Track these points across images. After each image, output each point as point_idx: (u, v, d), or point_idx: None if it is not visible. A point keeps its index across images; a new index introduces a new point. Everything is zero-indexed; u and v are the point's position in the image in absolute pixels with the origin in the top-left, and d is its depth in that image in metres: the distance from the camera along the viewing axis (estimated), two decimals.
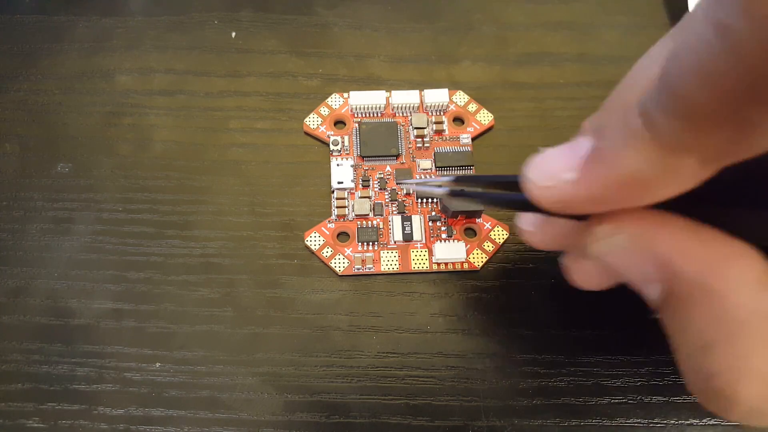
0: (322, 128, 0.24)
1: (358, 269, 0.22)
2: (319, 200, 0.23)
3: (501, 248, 0.23)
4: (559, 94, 0.25)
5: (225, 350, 0.21)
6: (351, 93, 0.25)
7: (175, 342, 0.21)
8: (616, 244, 0.14)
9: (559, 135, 0.25)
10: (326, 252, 0.22)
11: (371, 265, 0.22)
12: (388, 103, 0.25)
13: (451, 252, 0.22)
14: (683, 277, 0.13)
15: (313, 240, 0.23)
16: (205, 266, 0.22)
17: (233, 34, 0.26)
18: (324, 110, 0.25)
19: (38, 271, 0.22)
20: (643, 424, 0.20)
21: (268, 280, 0.22)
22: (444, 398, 0.21)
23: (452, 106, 0.25)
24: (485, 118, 0.25)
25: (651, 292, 0.14)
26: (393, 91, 0.25)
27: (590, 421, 0.21)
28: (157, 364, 0.21)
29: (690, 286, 0.13)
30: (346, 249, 0.22)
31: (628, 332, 0.21)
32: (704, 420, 0.21)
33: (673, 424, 0.21)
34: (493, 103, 0.25)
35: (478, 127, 0.25)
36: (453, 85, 0.25)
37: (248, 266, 0.22)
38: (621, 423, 0.20)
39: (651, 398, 0.21)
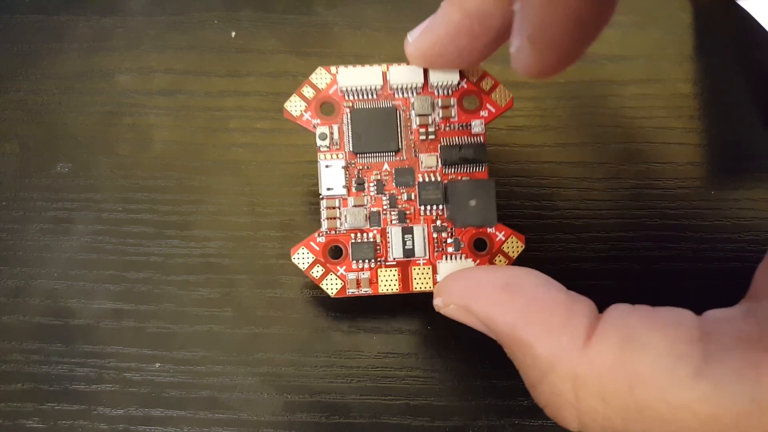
0: (307, 115, 0.20)
1: (353, 293, 0.20)
2: (319, 200, 0.23)
3: (513, 262, 0.20)
4: (559, 94, 0.25)
5: (225, 350, 0.21)
6: (339, 69, 0.20)
7: (175, 342, 0.21)
8: (450, 313, 0.17)
9: (559, 135, 0.25)
10: (316, 272, 0.20)
11: (368, 288, 0.19)
12: (385, 82, 0.20)
13: None
14: (500, 330, 0.15)
15: (301, 257, 0.20)
16: (205, 266, 0.22)
17: (233, 34, 0.26)
18: (308, 91, 0.20)
19: (38, 271, 0.22)
20: None
21: (268, 280, 0.22)
22: (444, 398, 0.21)
23: (463, 83, 0.20)
24: (502, 98, 0.20)
25: (497, 339, 0.16)
26: (391, 67, 0.20)
27: None
28: (157, 364, 0.21)
29: (507, 338, 0.15)
30: (338, 267, 0.20)
31: None
32: None
33: None
34: None
35: (493, 110, 0.20)
36: None
37: (248, 266, 0.22)
38: None
39: None
